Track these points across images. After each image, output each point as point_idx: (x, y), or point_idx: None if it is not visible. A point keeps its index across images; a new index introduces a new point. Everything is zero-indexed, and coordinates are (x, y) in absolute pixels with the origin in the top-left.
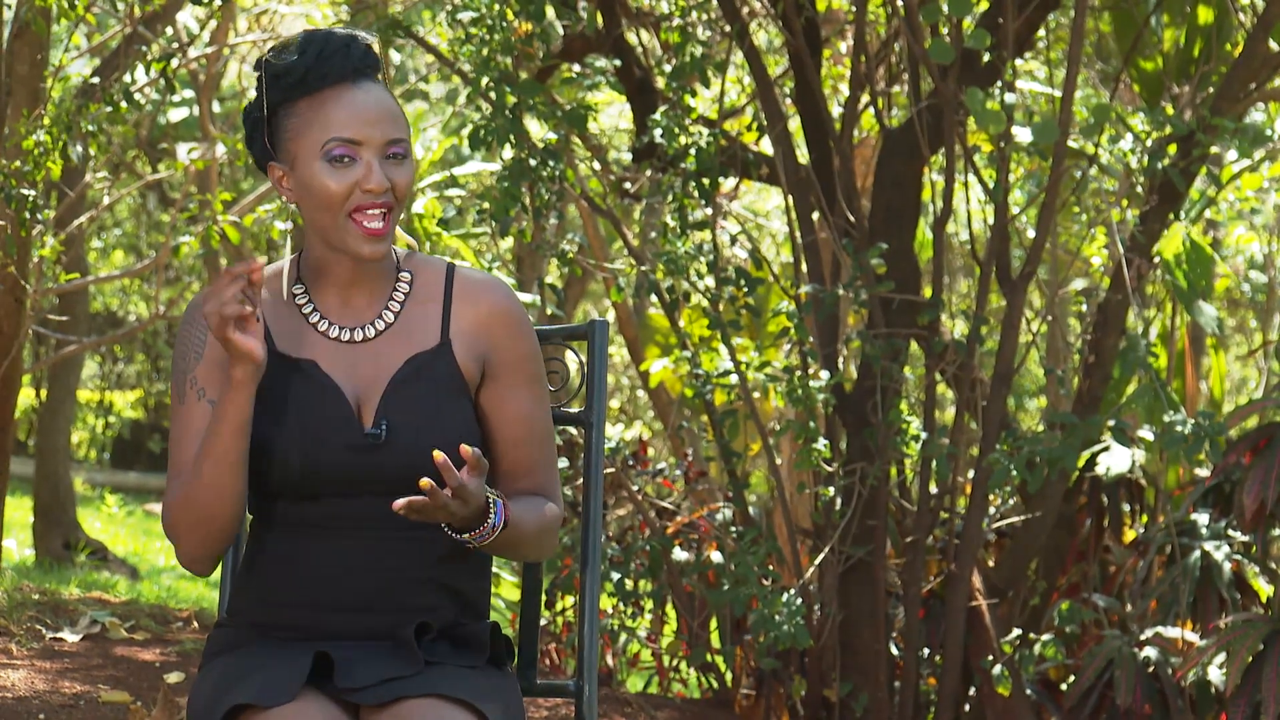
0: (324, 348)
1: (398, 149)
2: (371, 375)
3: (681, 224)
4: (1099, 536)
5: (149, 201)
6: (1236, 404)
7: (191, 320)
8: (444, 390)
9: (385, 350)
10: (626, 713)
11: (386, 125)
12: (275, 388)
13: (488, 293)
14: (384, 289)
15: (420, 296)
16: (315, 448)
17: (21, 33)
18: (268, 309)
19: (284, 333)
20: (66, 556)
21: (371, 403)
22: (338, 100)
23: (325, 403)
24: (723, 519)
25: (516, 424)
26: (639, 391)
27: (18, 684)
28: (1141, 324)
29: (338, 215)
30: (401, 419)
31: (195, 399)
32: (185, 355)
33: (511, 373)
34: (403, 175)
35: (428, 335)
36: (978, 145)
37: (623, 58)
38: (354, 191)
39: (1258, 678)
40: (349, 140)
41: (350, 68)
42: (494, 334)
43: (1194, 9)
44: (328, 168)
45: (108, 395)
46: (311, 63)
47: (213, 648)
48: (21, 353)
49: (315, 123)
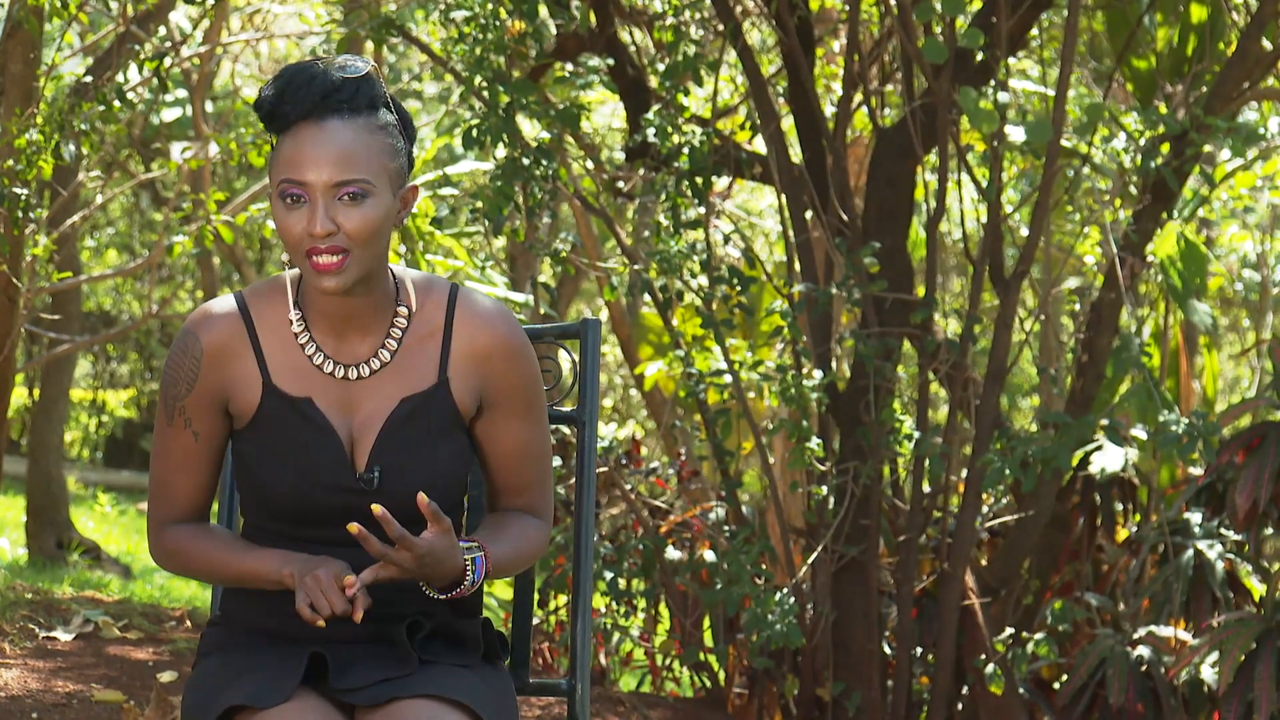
0: (319, 384)
1: (350, 189)
2: (367, 414)
3: (675, 223)
4: (1092, 535)
5: (142, 201)
6: (1229, 403)
7: (185, 349)
8: (439, 430)
9: (382, 388)
10: (619, 712)
11: (335, 167)
12: (272, 422)
13: (488, 326)
14: (382, 323)
15: (419, 331)
16: (308, 488)
17: (14, 31)
18: (264, 335)
19: (279, 365)
20: (59, 556)
21: (365, 443)
22: (295, 138)
23: (319, 444)
24: (716, 518)
25: (511, 448)
26: (632, 390)
27: (11, 683)
28: (1135, 323)
29: (297, 254)
30: (395, 462)
31: (182, 427)
32: (176, 381)
33: (508, 401)
34: (354, 218)
35: (425, 374)
36: (971, 144)
37: (616, 57)
38: (305, 235)
39: (1250, 676)
40: (294, 181)
41: (310, 103)
42: (492, 366)
43: (1187, 8)
44: (283, 207)
45: (101, 394)
46: (275, 99)
47: (205, 647)
48: (14, 352)
49: (278, 160)
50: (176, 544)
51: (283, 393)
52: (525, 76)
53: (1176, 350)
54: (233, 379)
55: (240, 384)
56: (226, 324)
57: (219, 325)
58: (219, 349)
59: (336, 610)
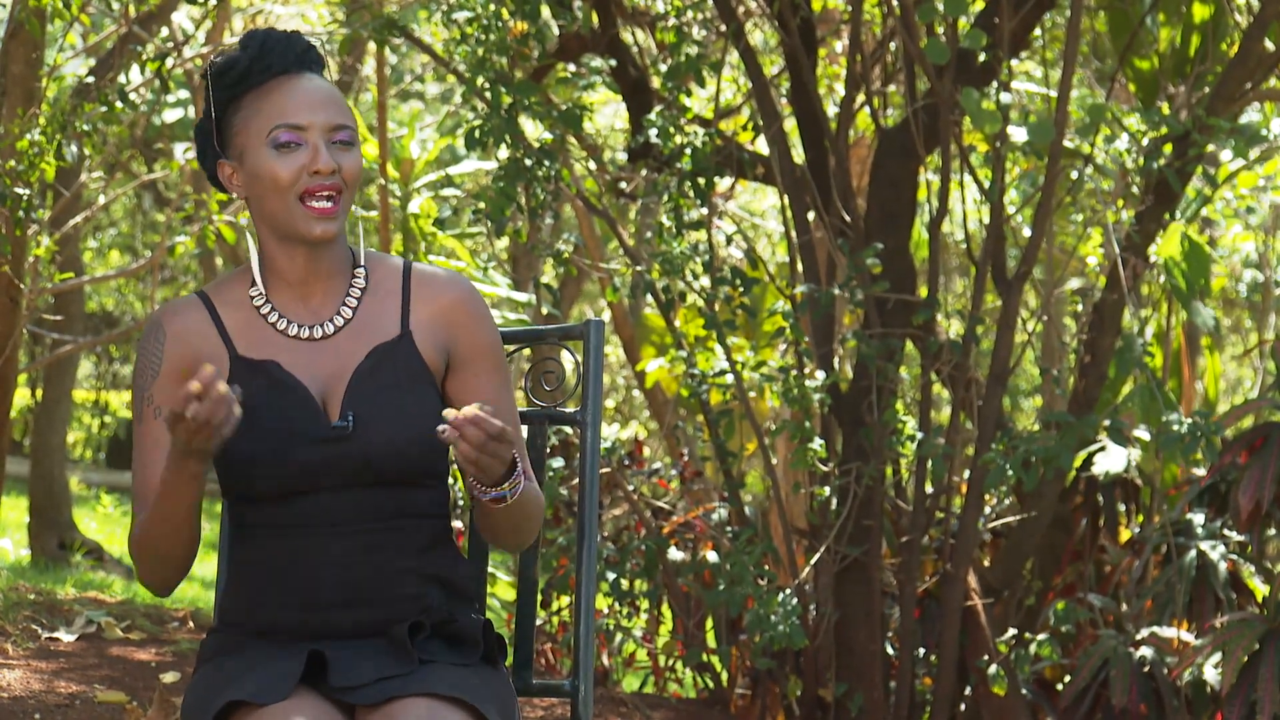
0: (284, 346)
1: (343, 135)
2: (334, 370)
3: (677, 224)
4: (1094, 536)
5: (144, 201)
6: (1232, 404)
7: (149, 337)
8: (407, 379)
9: (346, 345)
10: (622, 713)
11: (331, 110)
12: (242, 390)
13: (446, 286)
14: (340, 285)
15: (378, 292)
16: (284, 445)
17: (16, 32)
18: (226, 312)
19: (243, 335)
20: (62, 556)
21: (336, 396)
22: (281, 89)
23: (290, 401)
24: (718, 519)
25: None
26: (634, 391)
27: (13, 684)
28: (1137, 324)
29: (287, 199)
30: (367, 409)
31: (152, 417)
32: (143, 371)
33: (475, 361)
34: (349, 160)
35: (387, 328)
36: (973, 145)
37: (618, 57)
38: (301, 176)
39: (1253, 677)
40: (294, 126)
41: (292, 59)
42: (455, 324)
43: (1189, 8)
44: (275, 154)
45: (103, 395)
46: (255, 55)
47: (206, 652)
48: (17, 352)
49: (261, 112)
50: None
51: (248, 359)
52: (528, 77)
53: (1179, 351)
54: (199, 356)
55: (206, 360)
56: (188, 307)
57: (180, 310)
58: (182, 331)
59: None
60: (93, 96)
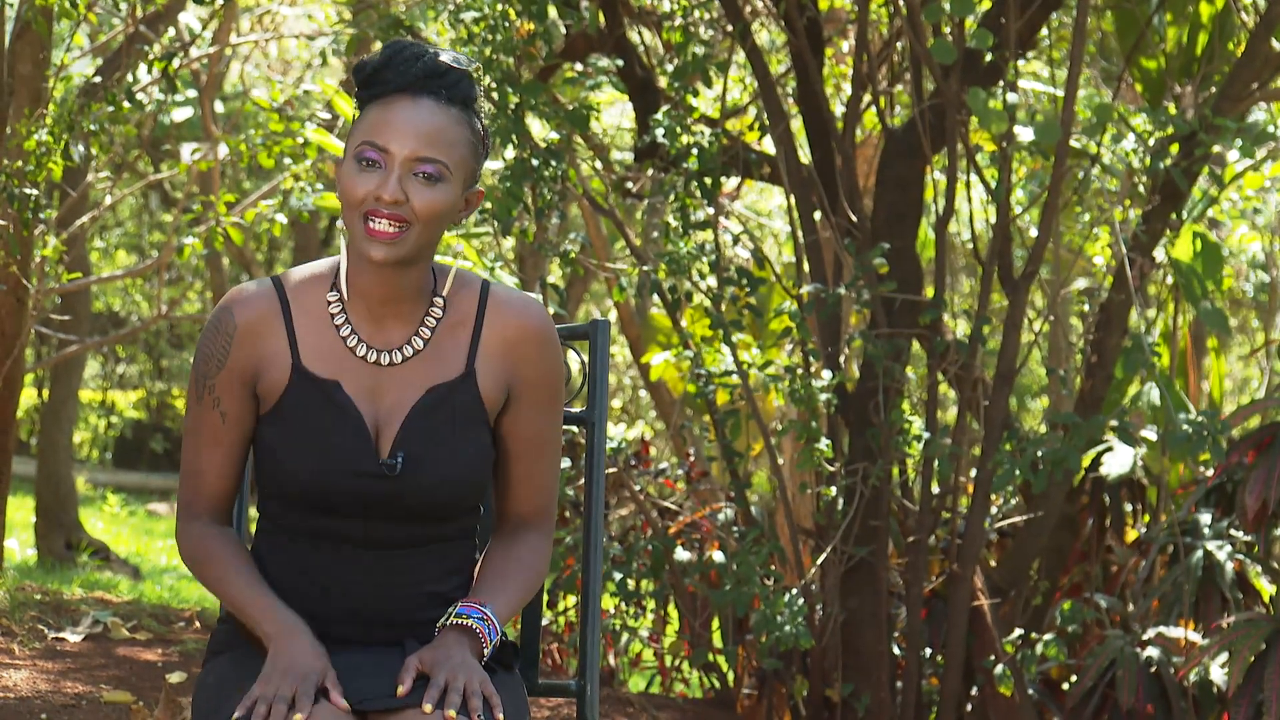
0: (349, 367)
1: (427, 168)
2: (393, 402)
3: (684, 224)
4: (1101, 536)
5: (151, 202)
6: (1239, 404)
7: (218, 326)
8: (463, 421)
9: (410, 377)
10: (628, 713)
11: (422, 141)
12: (297, 404)
13: (518, 314)
14: (417, 311)
15: (451, 320)
16: (328, 470)
17: (23, 32)
18: (299, 314)
19: (311, 345)
20: (69, 556)
21: (390, 430)
22: (390, 106)
23: (344, 427)
24: (725, 519)
25: (531, 443)
26: (641, 391)
27: (20, 684)
28: (1144, 324)
29: (354, 216)
30: (418, 451)
31: (210, 406)
32: (208, 359)
33: (533, 392)
34: (425, 195)
35: (454, 363)
36: (980, 145)
37: (625, 57)
38: (369, 198)
39: (1260, 677)
40: (378, 146)
41: (410, 79)
42: (521, 358)
43: (1196, 8)
44: (355, 168)
45: (110, 395)
46: (377, 66)
47: (215, 645)
48: (24, 353)
49: (364, 123)
50: (199, 551)
51: (311, 374)
52: (534, 77)
53: (1185, 351)
54: (263, 358)
55: (270, 364)
56: (261, 303)
57: (253, 303)
58: (251, 327)
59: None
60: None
